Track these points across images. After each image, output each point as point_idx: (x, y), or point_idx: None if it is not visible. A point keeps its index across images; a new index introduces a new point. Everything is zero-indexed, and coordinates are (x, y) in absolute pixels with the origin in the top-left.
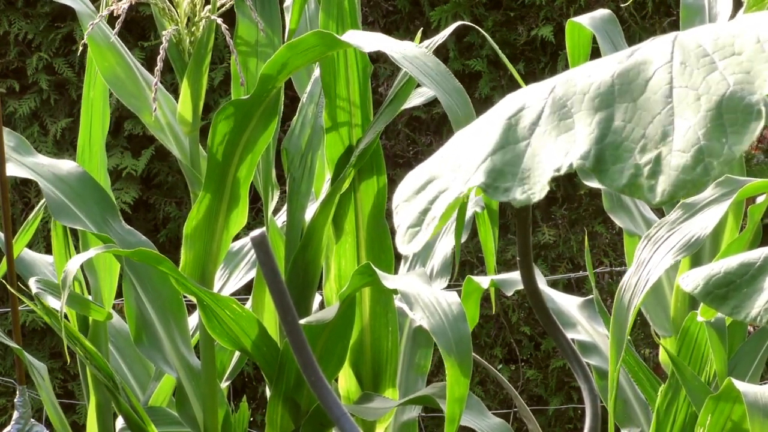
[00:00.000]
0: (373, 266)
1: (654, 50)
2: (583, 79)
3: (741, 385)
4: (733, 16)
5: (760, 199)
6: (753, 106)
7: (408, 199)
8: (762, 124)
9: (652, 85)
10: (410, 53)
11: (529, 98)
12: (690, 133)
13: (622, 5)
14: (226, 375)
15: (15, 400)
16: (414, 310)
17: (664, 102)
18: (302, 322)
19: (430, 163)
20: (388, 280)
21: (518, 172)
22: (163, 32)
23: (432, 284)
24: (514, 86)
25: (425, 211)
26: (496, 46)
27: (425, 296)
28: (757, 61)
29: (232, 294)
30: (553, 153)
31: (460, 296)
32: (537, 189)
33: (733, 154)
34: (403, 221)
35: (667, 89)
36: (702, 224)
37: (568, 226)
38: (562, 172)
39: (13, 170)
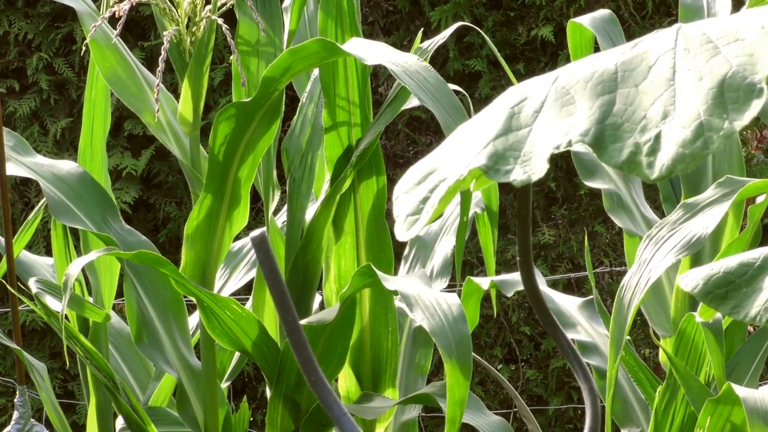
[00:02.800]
0: (373, 267)
1: (658, 40)
2: (586, 68)
3: (741, 391)
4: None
5: (759, 199)
6: (755, 85)
7: (408, 190)
8: (763, 101)
9: (655, 70)
10: (411, 67)
11: (532, 89)
12: (691, 109)
13: (622, 5)
14: (227, 375)
15: (15, 400)
16: (414, 312)
17: (667, 84)
18: (303, 322)
19: (431, 157)
20: (389, 282)
21: (519, 156)
22: (164, 33)
23: (432, 285)
24: None
25: (425, 200)
26: (495, 49)
27: (425, 298)
28: (760, 45)
29: (232, 294)
30: (554, 133)
31: (459, 297)
32: (537, 168)
33: (733, 128)
34: (403, 210)
35: (670, 73)
36: (703, 224)
37: (568, 226)
38: (561, 149)
39: (12, 170)
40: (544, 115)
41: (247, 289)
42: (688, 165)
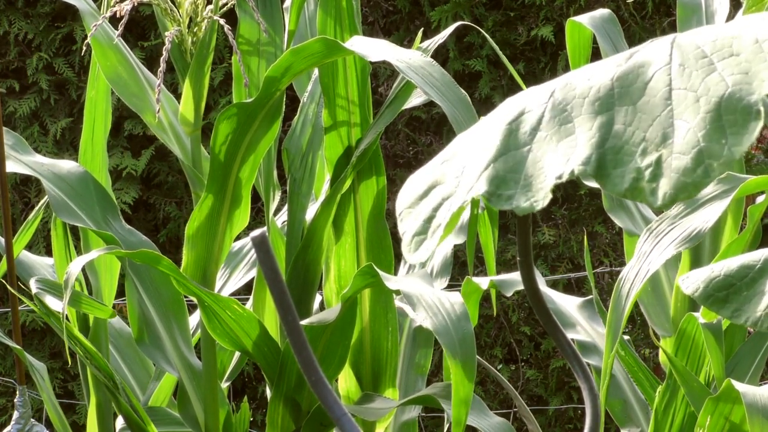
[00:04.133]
0: (375, 267)
1: (653, 52)
2: (582, 82)
3: (740, 386)
4: (730, 14)
5: (759, 199)
6: (752, 107)
7: (411, 205)
8: (761, 124)
9: (651, 87)
10: (415, 63)
11: (529, 102)
12: (690, 135)
13: (622, 5)
14: (227, 375)
15: (15, 400)
16: (417, 311)
17: (664, 104)
18: (304, 322)
19: (431, 167)
20: (391, 282)
21: (520, 179)
22: (166, 33)
23: (432, 284)
24: (514, 86)
25: (430, 219)
26: (496, 47)
27: (428, 297)
28: (756, 61)
29: (232, 294)
30: (555, 159)
31: None
32: (540, 197)
33: (733, 155)
34: (409, 229)
35: (666, 91)
36: (703, 218)
37: (568, 226)
38: (563, 179)
39: (13, 167)
40: (543, 134)
41: (247, 289)
42: (691, 193)
